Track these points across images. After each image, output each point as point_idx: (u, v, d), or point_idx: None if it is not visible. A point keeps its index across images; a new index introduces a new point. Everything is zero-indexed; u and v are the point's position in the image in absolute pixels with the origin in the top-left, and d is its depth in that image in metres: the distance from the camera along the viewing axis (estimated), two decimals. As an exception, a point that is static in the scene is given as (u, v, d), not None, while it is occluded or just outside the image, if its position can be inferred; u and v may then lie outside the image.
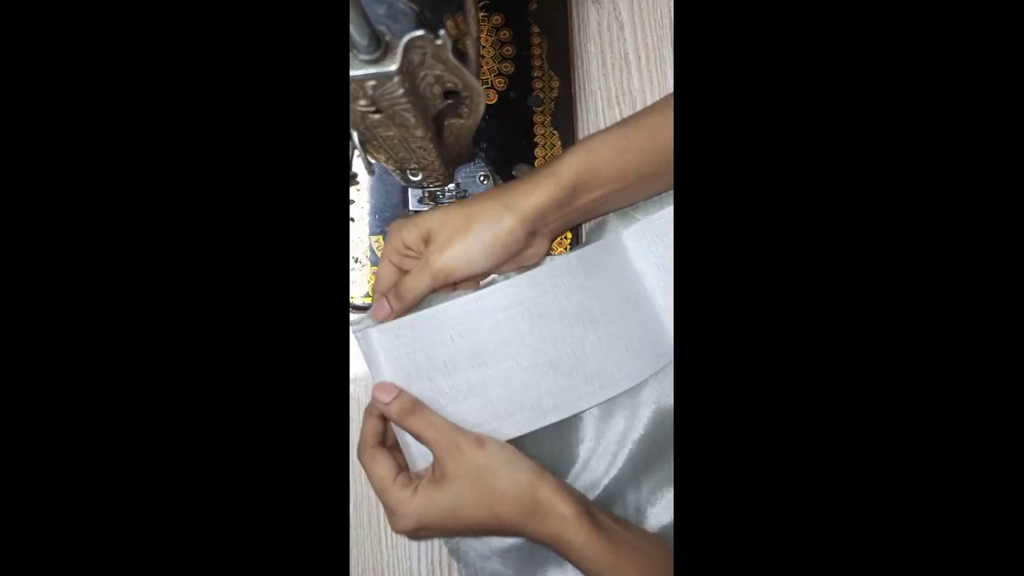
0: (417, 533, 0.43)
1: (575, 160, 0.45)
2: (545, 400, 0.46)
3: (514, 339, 0.45)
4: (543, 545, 0.43)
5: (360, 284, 0.53)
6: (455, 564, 0.49)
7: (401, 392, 0.44)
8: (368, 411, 0.46)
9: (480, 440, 0.43)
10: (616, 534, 0.42)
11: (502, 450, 0.43)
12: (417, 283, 0.45)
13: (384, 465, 0.43)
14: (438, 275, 0.44)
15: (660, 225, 0.49)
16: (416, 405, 0.43)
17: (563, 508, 0.41)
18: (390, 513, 0.43)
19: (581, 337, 0.46)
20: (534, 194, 0.44)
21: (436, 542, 0.54)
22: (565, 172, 0.45)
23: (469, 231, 0.44)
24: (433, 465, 0.43)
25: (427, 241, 0.45)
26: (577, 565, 0.42)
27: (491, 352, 0.45)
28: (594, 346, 0.47)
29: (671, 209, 0.49)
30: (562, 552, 0.42)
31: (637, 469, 0.48)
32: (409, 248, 0.45)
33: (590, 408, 0.48)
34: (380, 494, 0.43)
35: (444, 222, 0.44)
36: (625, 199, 0.49)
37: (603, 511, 0.44)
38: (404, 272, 0.46)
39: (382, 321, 0.45)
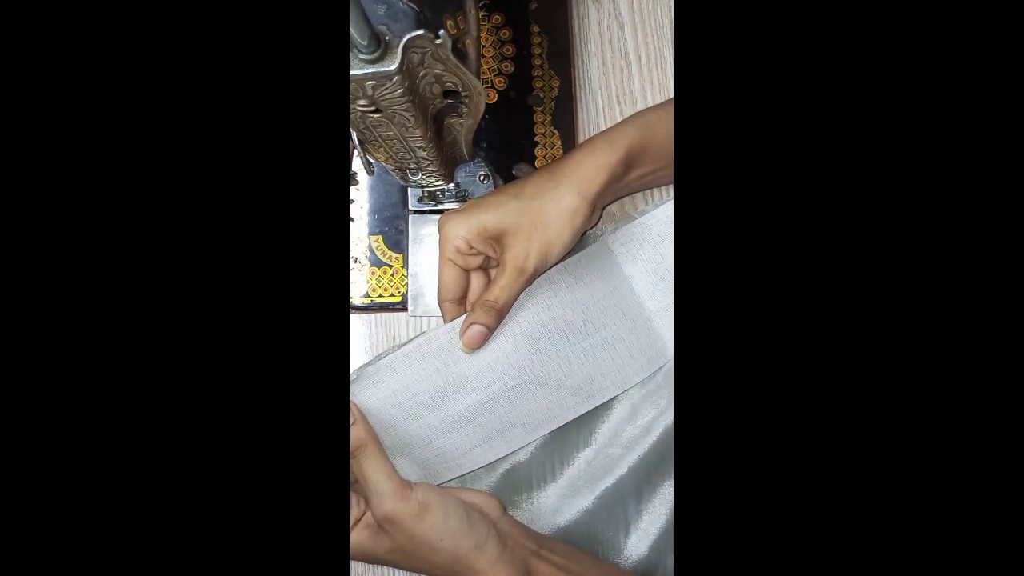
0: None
1: (631, 136, 0.44)
2: (535, 415, 0.46)
3: (499, 361, 0.45)
4: None
5: (360, 284, 0.53)
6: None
7: (356, 421, 0.42)
8: None
9: (423, 508, 0.40)
10: None
11: (446, 520, 0.40)
12: (512, 294, 0.43)
13: None
14: (531, 279, 0.43)
15: (647, 228, 0.49)
16: (361, 449, 0.41)
17: None
18: None
19: (565, 351, 0.46)
20: (599, 175, 0.43)
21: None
22: (622, 148, 0.44)
23: (549, 227, 0.42)
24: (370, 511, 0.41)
25: (499, 241, 0.43)
26: None
27: (477, 377, 0.45)
28: (579, 358, 0.46)
29: (657, 211, 0.49)
30: None
31: (639, 476, 0.48)
32: (472, 247, 0.43)
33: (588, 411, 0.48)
34: None
35: (517, 221, 0.42)
36: (671, 176, 0.48)
37: (551, 560, 0.42)
38: (466, 271, 0.45)
39: (480, 347, 0.44)
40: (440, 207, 0.52)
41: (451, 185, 0.51)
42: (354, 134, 0.39)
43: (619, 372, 0.47)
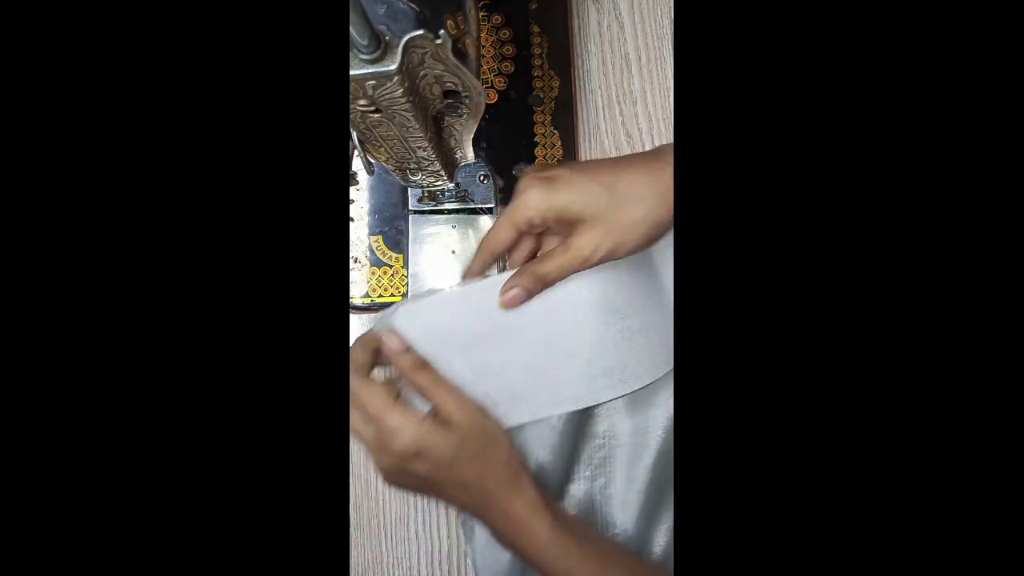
0: (405, 468, 0.40)
1: None
2: (562, 389, 0.46)
3: (532, 324, 0.45)
4: (504, 536, 0.42)
5: (360, 284, 0.53)
6: (455, 564, 0.49)
7: (410, 347, 0.42)
8: (359, 345, 0.42)
9: (485, 410, 0.43)
10: (576, 525, 0.42)
11: (501, 426, 0.43)
12: (565, 274, 0.42)
13: (379, 389, 0.40)
14: (587, 265, 0.42)
15: None
16: (422, 361, 0.42)
17: (533, 493, 0.41)
18: (384, 438, 0.40)
19: (601, 329, 0.45)
20: None
21: (437, 542, 0.54)
22: None
23: (629, 231, 0.41)
24: (433, 409, 0.41)
25: (572, 224, 0.41)
26: (537, 557, 0.41)
27: (510, 335, 0.45)
28: (615, 339, 0.46)
29: None
30: (523, 544, 0.41)
31: (640, 471, 0.48)
32: (546, 220, 0.42)
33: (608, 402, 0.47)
34: (376, 417, 0.40)
35: (600, 215, 0.41)
36: None
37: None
38: (519, 237, 0.44)
39: (513, 307, 0.43)
40: (440, 207, 0.52)
41: (451, 185, 0.51)
42: (354, 134, 0.39)
43: (651, 359, 0.47)
